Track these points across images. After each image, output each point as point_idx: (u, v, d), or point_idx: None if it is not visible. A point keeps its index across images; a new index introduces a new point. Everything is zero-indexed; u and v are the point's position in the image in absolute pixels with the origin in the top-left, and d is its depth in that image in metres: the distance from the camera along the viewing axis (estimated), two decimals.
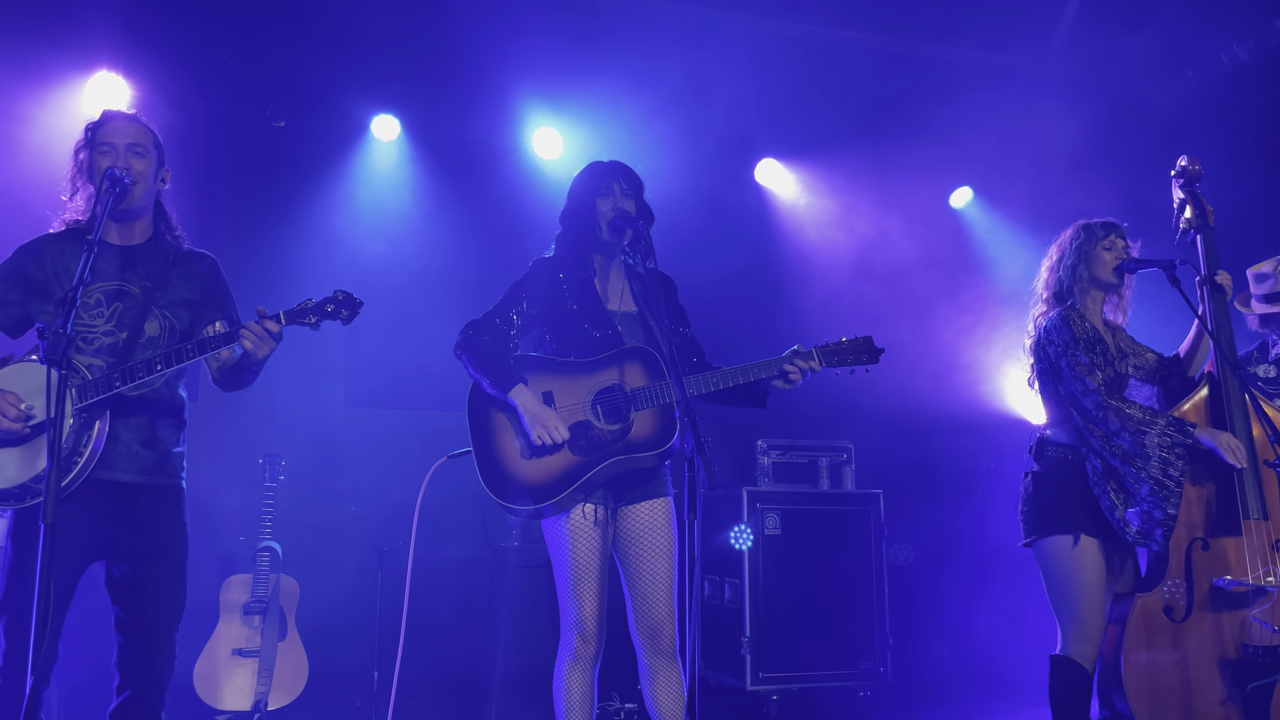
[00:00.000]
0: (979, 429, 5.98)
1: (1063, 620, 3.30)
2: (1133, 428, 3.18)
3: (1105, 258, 3.39)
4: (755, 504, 5.11)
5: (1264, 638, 3.14)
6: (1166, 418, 3.22)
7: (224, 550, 4.86)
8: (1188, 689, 3.17)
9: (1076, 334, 3.29)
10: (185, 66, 4.90)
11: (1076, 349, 3.28)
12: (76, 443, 2.67)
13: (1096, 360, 3.29)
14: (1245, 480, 3.21)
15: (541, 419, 2.88)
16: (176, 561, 2.84)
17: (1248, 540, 3.20)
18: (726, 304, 5.58)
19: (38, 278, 2.83)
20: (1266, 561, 3.18)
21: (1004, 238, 6.33)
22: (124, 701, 2.74)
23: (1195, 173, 3.50)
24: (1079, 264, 3.40)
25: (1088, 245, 3.41)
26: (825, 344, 3.05)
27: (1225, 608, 3.21)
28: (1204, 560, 3.23)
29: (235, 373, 2.91)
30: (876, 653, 5.15)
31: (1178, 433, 3.16)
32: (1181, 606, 3.21)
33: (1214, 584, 3.20)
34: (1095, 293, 3.44)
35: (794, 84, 5.46)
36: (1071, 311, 3.35)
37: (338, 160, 5.48)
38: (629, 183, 3.10)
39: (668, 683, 2.96)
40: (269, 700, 4.41)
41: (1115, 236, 3.42)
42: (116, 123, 2.89)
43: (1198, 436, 3.18)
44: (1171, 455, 3.14)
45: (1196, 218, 3.48)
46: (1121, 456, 3.19)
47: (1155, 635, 3.21)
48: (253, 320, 2.73)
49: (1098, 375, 3.26)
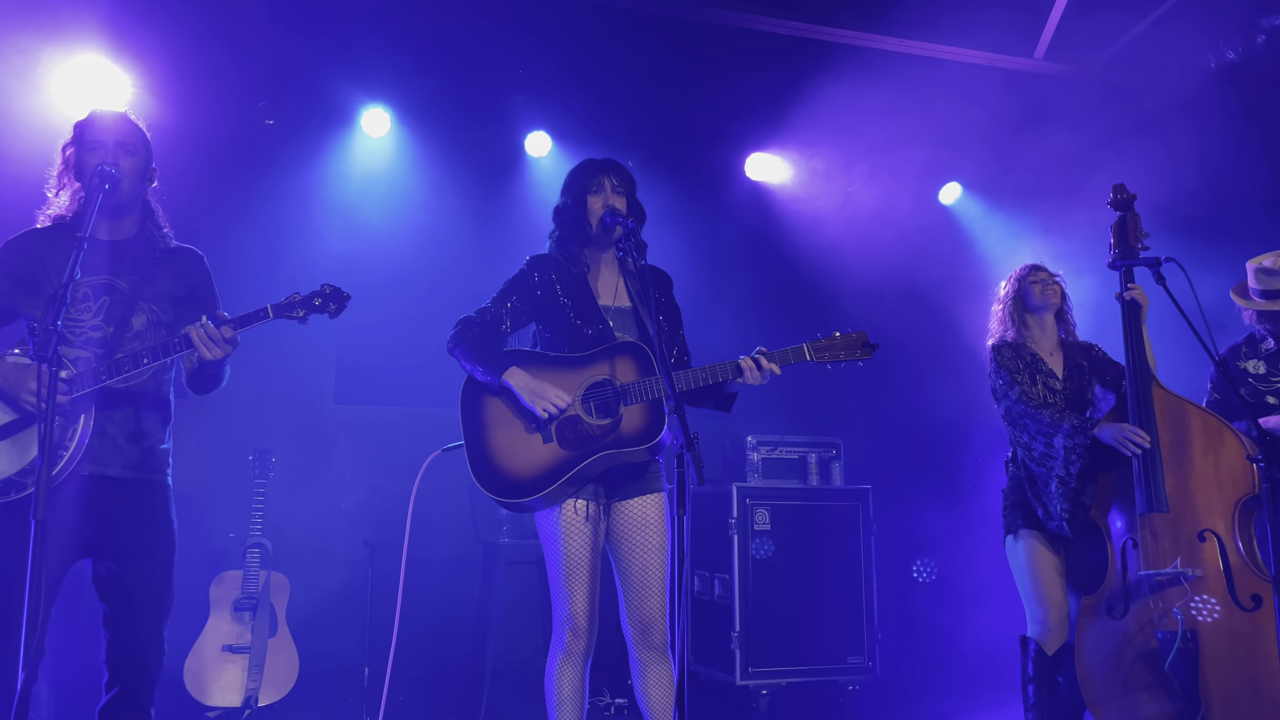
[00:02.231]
0: (967, 425, 6.00)
1: (1025, 605, 3.67)
2: (1045, 430, 3.55)
3: (1033, 290, 3.81)
4: (745, 500, 5.13)
5: (1173, 624, 3.26)
6: (1073, 419, 3.52)
7: (214, 547, 4.85)
8: (1125, 678, 3.35)
9: (1000, 362, 3.73)
10: (173, 59, 4.87)
11: (999, 372, 3.71)
12: (62, 436, 2.67)
13: (1022, 379, 3.67)
14: (1141, 475, 3.37)
15: (540, 391, 2.90)
16: (162, 558, 2.84)
17: (1152, 533, 3.34)
18: (715, 302, 5.60)
19: (25, 271, 2.83)
20: (1180, 552, 3.30)
21: (994, 233, 6.37)
22: (113, 698, 2.74)
23: (1124, 199, 3.77)
24: (1013, 306, 3.84)
25: (1017, 287, 3.85)
26: (818, 339, 3.06)
27: (1153, 600, 3.32)
28: (1136, 556, 3.38)
29: (198, 375, 2.91)
30: (865, 647, 5.19)
31: (1079, 432, 3.48)
32: (1121, 604, 3.37)
33: (1139, 576, 3.35)
34: (1034, 320, 3.81)
35: (781, 78, 5.46)
36: (997, 345, 3.79)
37: (327, 153, 5.46)
38: (621, 179, 3.12)
39: (658, 677, 2.97)
40: (259, 696, 4.41)
41: (1036, 271, 3.87)
42: (105, 120, 2.89)
43: (1095, 433, 3.48)
44: (1073, 455, 3.48)
45: (1118, 242, 3.72)
46: (1036, 459, 3.57)
47: (1100, 632, 3.41)
48: (210, 322, 2.71)
49: (1016, 391, 3.64)
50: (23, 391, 2.68)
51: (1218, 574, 3.24)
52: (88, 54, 4.76)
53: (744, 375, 2.95)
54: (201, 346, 2.69)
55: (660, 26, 5.13)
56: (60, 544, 2.68)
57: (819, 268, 6.05)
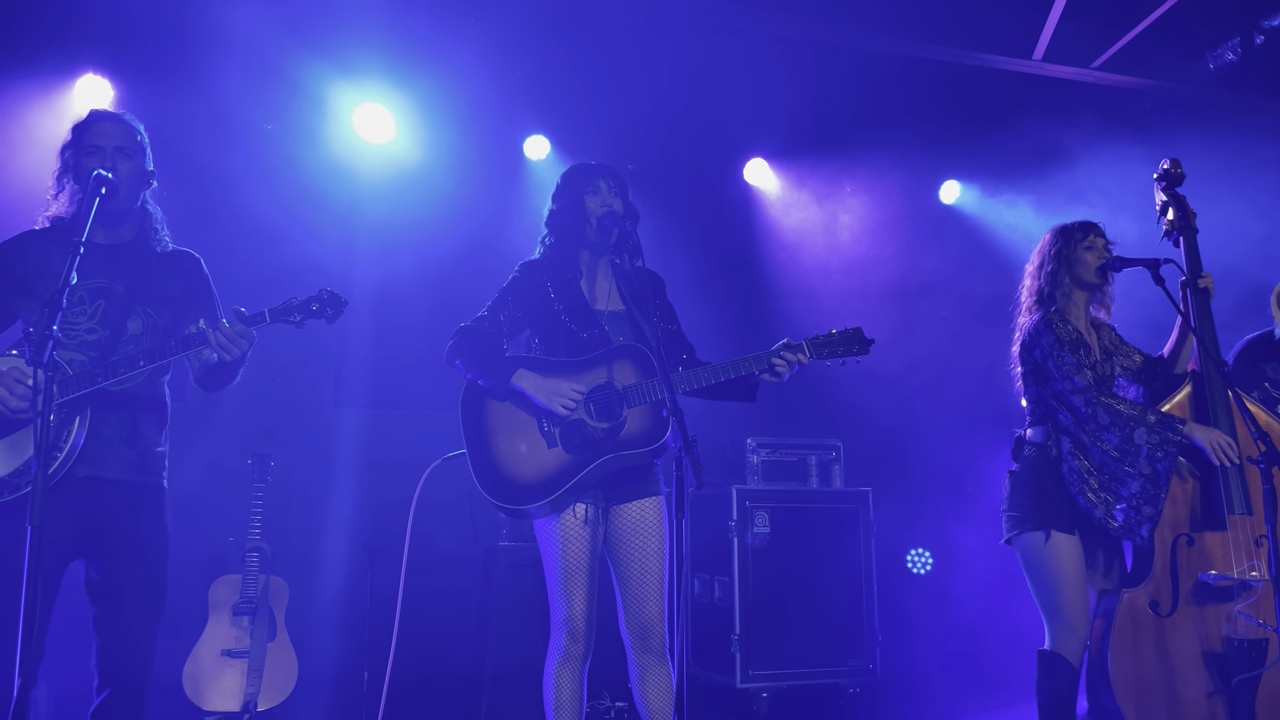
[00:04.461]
0: (968, 426, 6.00)
1: (1047, 616, 3.34)
2: (1122, 423, 3.23)
3: (1087, 258, 3.44)
4: (745, 502, 5.12)
5: (1249, 631, 3.17)
6: (1156, 413, 3.25)
7: (213, 551, 4.84)
8: (1173, 683, 3.19)
9: (1060, 336, 3.35)
10: (166, 58, 4.88)
11: (1062, 350, 3.33)
12: (56, 437, 2.66)
13: (1082, 360, 3.33)
14: (1229, 476, 3.23)
15: (555, 389, 2.90)
16: (156, 560, 2.83)
17: (1232, 535, 3.22)
18: (715, 300, 5.59)
19: (21, 274, 2.83)
20: (1251, 556, 3.21)
21: (995, 232, 6.36)
22: (104, 701, 2.73)
23: (1177, 175, 3.53)
24: (1059, 269, 3.45)
25: (1067, 249, 3.46)
26: (815, 336, 3.06)
27: (1210, 602, 3.24)
28: (1189, 556, 3.26)
29: (214, 373, 2.91)
30: (866, 649, 5.17)
31: (1168, 429, 3.20)
32: (1167, 602, 3.24)
33: (1199, 579, 3.23)
34: (1078, 294, 3.48)
35: (784, 83, 5.46)
36: (1054, 315, 3.40)
37: (328, 158, 5.46)
38: (615, 182, 3.12)
39: (657, 681, 2.97)
40: (258, 701, 4.40)
41: (1095, 235, 3.47)
42: (104, 124, 2.89)
43: (1188, 434, 3.21)
44: (1160, 452, 3.18)
45: (1179, 219, 3.51)
46: (1110, 452, 3.23)
47: (1141, 631, 3.24)
48: (229, 320, 2.73)
49: (1086, 374, 3.31)
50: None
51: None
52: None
53: (774, 370, 2.95)
54: (221, 349, 2.71)
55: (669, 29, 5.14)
56: (55, 545, 2.68)
57: (818, 268, 6.05)
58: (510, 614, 5.07)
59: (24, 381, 2.64)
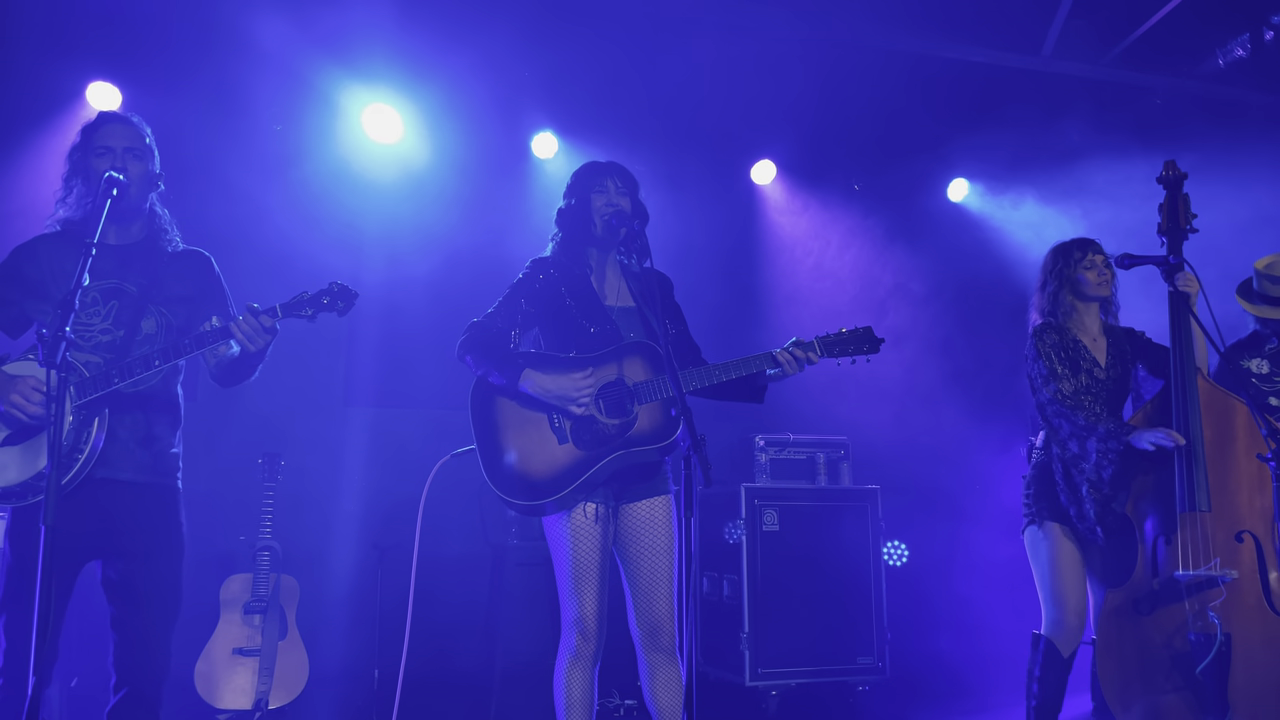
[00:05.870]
0: (977, 425, 5.99)
1: (1042, 601, 3.52)
2: (1079, 432, 3.38)
3: (1087, 277, 3.56)
4: (753, 500, 5.12)
5: (1210, 627, 3.20)
6: (1108, 423, 3.36)
7: (224, 549, 4.86)
8: (1150, 679, 3.27)
9: (1040, 349, 3.51)
10: (167, 59, 4.90)
11: (1038, 361, 3.50)
12: (76, 440, 2.68)
13: (1063, 370, 3.47)
14: (1194, 474, 3.26)
15: (563, 390, 2.90)
16: (171, 560, 2.85)
17: (1191, 532, 3.25)
18: (723, 300, 5.59)
19: (34, 277, 2.84)
20: (1217, 553, 3.23)
21: (1003, 231, 6.35)
22: (121, 700, 2.75)
23: (1173, 177, 3.56)
24: (1060, 289, 3.58)
25: (1067, 269, 3.59)
26: (826, 335, 3.06)
27: (1187, 599, 3.26)
28: (1168, 555, 3.30)
29: (233, 368, 2.92)
30: (875, 648, 5.17)
31: (1111, 439, 3.32)
32: (1149, 601, 3.31)
33: (1174, 576, 3.27)
34: (1083, 307, 3.60)
35: (791, 85, 5.45)
36: (1042, 328, 3.55)
37: (337, 159, 5.47)
38: (624, 181, 3.12)
39: (667, 679, 2.97)
40: (269, 699, 4.42)
41: (1093, 254, 3.58)
42: (113, 125, 2.90)
43: (1130, 439, 3.30)
44: (1105, 460, 3.33)
45: (1166, 221, 3.55)
46: (1069, 460, 3.41)
47: (1124, 630, 3.32)
48: (242, 315, 2.74)
49: (1065, 384, 3.45)
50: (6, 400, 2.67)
51: (1253, 576, 3.18)
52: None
53: (780, 366, 2.98)
54: (246, 340, 2.73)
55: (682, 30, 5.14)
56: (71, 547, 2.70)
57: (826, 267, 6.05)
58: (520, 612, 5.08)
59: (40, 389, 2.65)
